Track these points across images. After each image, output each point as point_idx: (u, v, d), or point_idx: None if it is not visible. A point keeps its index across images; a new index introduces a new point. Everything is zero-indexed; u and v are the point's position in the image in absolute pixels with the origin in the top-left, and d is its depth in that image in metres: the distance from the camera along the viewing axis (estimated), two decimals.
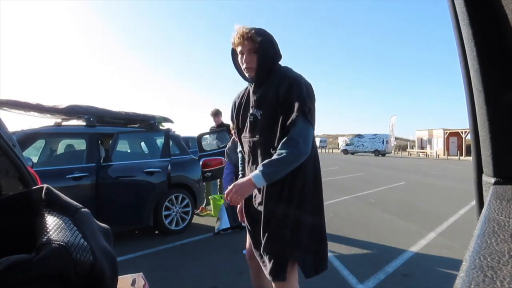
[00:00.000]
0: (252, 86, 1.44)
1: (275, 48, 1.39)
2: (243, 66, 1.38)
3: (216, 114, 5.13)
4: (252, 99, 1.44)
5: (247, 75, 1.41)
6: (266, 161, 1.28)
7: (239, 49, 1.38)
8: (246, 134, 1.46)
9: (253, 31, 1.33)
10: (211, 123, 5.24)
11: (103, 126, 3.86)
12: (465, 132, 27.85)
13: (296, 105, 1.26)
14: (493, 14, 0.46)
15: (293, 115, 1.27)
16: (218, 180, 5.05)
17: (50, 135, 3.65)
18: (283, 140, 1.28)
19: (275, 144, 1.32)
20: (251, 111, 1.42)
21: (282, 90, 1.30)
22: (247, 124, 1.44)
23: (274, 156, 1.27)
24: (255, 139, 1.40)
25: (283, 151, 1.26)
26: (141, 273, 1.20)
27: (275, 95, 1.33)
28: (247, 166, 1.50)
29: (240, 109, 1.51)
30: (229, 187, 1.30)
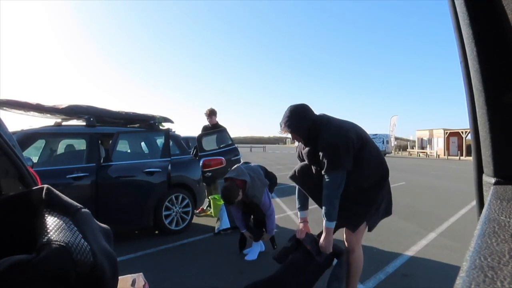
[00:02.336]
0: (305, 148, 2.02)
1: (305, 124, 1.90)
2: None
3: (211, 114, 5.06)
4: (306, 154, 2.02)
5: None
6: (323, 211, 1.87)
7: None
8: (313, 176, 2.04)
9: (285, 126, 1.91)
10: (205, 122, 5.20)
11: (103, 126, 3.86)
12: (466, 132, 27.82)
13: (326, 163, 1.82)
14: (493, 14, 0.46)
15: (324, 171, 1.85)
16: (206, 190, 5.04)
17: (50, 135, 3.65)
18: (323, 191, 1.87)
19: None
20: (310, 163, 2.03)
21: (320, 152, 1.86)
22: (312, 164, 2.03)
23: (324, 207, 1.86)
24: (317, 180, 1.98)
25: (325, 202, 1.86)
26: (141, 273, 1.19)
27: (316, 154, 1.89)
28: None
29: (301, 156, 2.11)
30: (321, 241, 1.93)
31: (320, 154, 1.84)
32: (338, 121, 1.96)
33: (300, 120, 1.90)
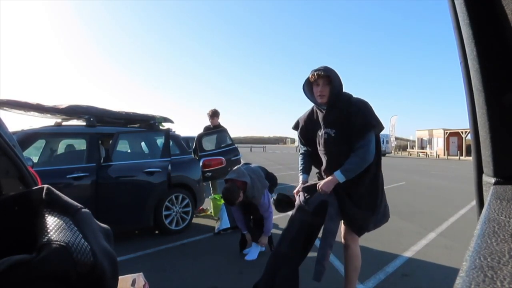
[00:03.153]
0: (324, 110, 1.90)
1: (340, 82, 1.86)
2: (317, 94, 1.86)
3: (213, 115, 5.03)
4: (322, 120, 1.92)
5: (319, 101, 1.89)
6: (344, 166, 1.80)
7: (316, 82, 1.86)
8: (321, 148, 1.96)
9: (326, 69, 1.83)
10: (206, 122, 5.18)
11: (103, 126, 3.86)
12: (465, 132, 27.82)
13: (364, 123, 1.78)
14: (493, 14, 0.46)
15: (359, 134, 1.78)
16: (210, 183, 5.05)
17: (50, 135, 3.65)
18: (354, 151, 1.80)
19: (347, 154, 1.83)
20: (323, 130, 1.91)
21: (353, 114, 1.79)
22: (321, 141, 1.93)
23: (349, 161, 1.80)
24: (331, 151, 1.91)
25: (354, 159, 1.79)
26: (141, 273, 1.19)
27: (346, 117, 1.82)
28: (324, 170, 2.00)
29: (308, 127, 2.02)
30: (320, 185, 1.86)
31: (354, 114, 1.80)
32: None
33: (339, 78, 1.89)
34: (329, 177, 1.87)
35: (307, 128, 2.06)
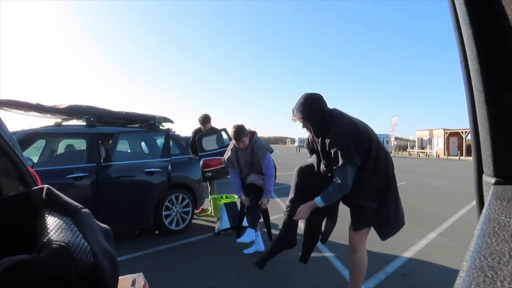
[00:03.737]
0: (315, 138, 2.05)
1: (317, 113, 1.91)
2: (303, 128, 2.02)
3: (205, 120, 4.85)
4: (316, 145, 2.06)
5: (308, 132, 2.08)
6: (325, 192, 1.92)
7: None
8: (320, 165, 2.10)
9: (297, 112, 1.92)
10: (193, 123, 5.14)
11: (103, 126, 3.86)
12: (466, 132, 27.81)
13: (335, 160, 1.85)
14: (493, 14, 0.46)
15: (335, 166, 1.87)
16: (209, 183, 5.04)
17: (50, 135, 3.65)
18: (332, 182, 1.90)
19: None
20: (320, 152, 2.04)
21: (330, 146, 1.88)
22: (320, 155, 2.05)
23: (327, 190, 1.91)
24: (323, 166, 2.07)
25: (331, 187, 1.90)
26: (141, 273, 1.19)
27: (327, 146, 1.91)
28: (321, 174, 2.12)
29: (311, 147, 2.17)
30: (299, 209, 2.02)
31: (331, 147, 1.86)
32: (350, 117, 1.98)
33: (313, 108, 1.91)
34: (309, 202, 2.00)
35: (310, 148, 2.22)
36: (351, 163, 1.83)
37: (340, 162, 1.82)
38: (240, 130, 3.02)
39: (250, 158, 3.11)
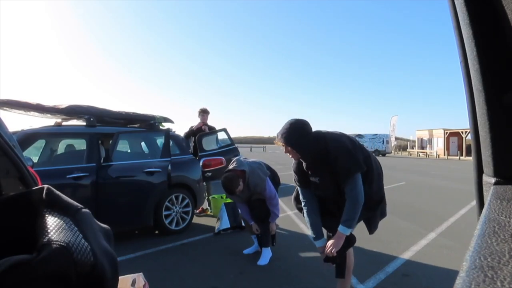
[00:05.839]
0: (304, 164, 1.97)
1: (304, 139, 1.84)
2: (290, 155, 1.93)
3: (204, 112, 5.10)
4: (306, 170, 1.98)
5: (295, 159, 1.99)
6: (343, 217, 1.83)
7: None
8: (315, 191, 2.01)
9: (282, 139, 1.86)
10: (193, 123, 5.22)
11: (103, 126, 3.86)
12: (465, 132, 27.81)
13: (345, 169, 1.78)
14: (493, 14, 0.46)
15: (345, 179, 1.80)
16: (205, 184, 5.05)
17: (50, 135, 3.65)
18: (346, 195, 1.82)
19: (334, 193, 1.91)
20: (310, 178, 1.98)
21: (332, 163, 1.81)
22: (312, 185, 1.99)
23: (345, 210, 1.82)
24: (320, 195, 2.02)
25: (348, 206, 1.81)
26: (141, 273, 1.19)
27: (326, 165, 1.84)
28: (323, 204, 2.07)
29: (299, 176, 2.05)
30: (329, 245, 1.87)
31: (335, 162, 1.79)
32: (334, 132, 1.97)
33: (300, 135, 1.84)
34: (335, 236, 1.87)
35: (298, 177, 2.09)
36: (358, 167, 1.79)
37: (348, 171, 1.77)
38: (230, 184, 2.85)
39: (249, 193, 3.03)
